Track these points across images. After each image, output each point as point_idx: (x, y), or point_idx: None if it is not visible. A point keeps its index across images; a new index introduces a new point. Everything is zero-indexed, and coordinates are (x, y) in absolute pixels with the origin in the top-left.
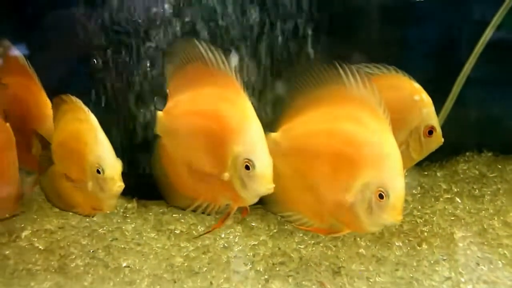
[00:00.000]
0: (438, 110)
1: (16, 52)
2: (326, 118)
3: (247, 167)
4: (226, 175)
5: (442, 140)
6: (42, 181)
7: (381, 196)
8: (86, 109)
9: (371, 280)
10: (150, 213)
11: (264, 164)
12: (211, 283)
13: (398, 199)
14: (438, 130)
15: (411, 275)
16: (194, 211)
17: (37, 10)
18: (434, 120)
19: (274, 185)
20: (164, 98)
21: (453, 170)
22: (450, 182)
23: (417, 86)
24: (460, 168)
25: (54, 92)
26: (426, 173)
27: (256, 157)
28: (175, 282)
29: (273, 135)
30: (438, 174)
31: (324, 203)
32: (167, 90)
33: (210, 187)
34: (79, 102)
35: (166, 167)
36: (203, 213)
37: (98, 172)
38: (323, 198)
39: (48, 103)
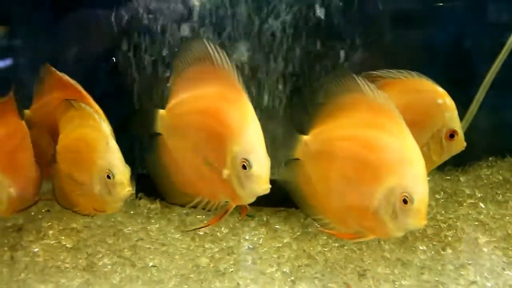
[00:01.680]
0: (461, 115)
1: (57, 72)
2: (351, 124)
3: (244, 167)
4: (225, 173)
5: (464, 144)
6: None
7: (405, 201)
8: (97, 116)
9: (396, 283)
10: (174, 214)
11: (261, 165)
12: (238, 284)
13: (422, 204)
14: (460, 134)
15: (437, 279)
16: (194, 207)
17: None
18: (457, 124)
19: (270, 186)
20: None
21: (476, 175)
22: (474, 187)
23: (440, 90)
24: (483, 173)
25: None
26: (448, 177)
27: (253, 158)
28: (202, 282)
29: (304, 137)
30: (461, 179)
31: (349, 209)
32: (169, 88)
33: (210, 184)
34: (90, 109)
35: (167, 164)
36: (203, 209)
37: (108, 177)
38: (348, 203)
39: (99, 112)
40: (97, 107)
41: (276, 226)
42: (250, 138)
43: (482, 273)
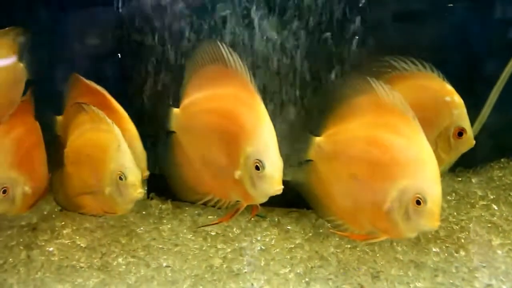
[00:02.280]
0: (474, 116)
1: (84, 79)
2: (365, 126)
3: (257, 168)
4: (238, 173)
5: (473, 142)
6: (53, 184)
7: (418, 202)
8: (109, 120)
9: (411, 285)
10: (185, 214)
11: (274, 166)
12: (252, 284)
13: (435, 205)
14: (469, 132)
15: (451, 281)
16: (204, 204)
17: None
18: (465, 122)
19: (282, 187)
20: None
21: (488, 176)
22: (486, 189)
23: (449, 87)
24: (496, 175)
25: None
26: (460, 179)
27: (266, 159)
28: (216, 283)
29: (318, 139)
30: (473, 180)
31: (362, 209)
32: (184, 87)
33: (222, 183)
34: (101, 113)
35: (180, 163)
36: (213, 206)
37: (121, 178)
38: (360, 204)
39: (125, 117)
40: (122, 111)
41: (287, 227)
42: (263, 139)
43: (497, 276)
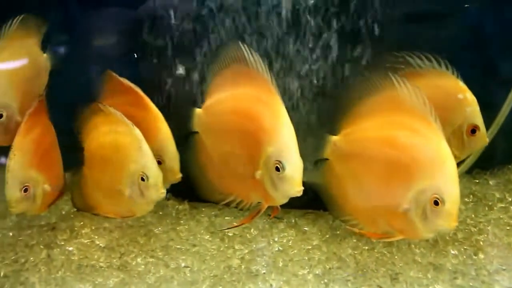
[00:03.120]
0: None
1: (118, 77)
2: (383, 125)
3: (277, 169)
4: (258, 174)
5: (487, 140)
6: (71, 185)
7: (436, 203)
8: (128, 122)
9: (430, 287)
10: (202, 215)
11: (294, 167)
12: (271, 285)
13: (453, 206)
14: (482, 129)
15: (471, 284)
16: (227, 205)
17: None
18: (478, 119)
19: (302, 188)
20: None
21: (506, 178)
22: (504, 191)
23: (462, 84)
24: None
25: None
26: (477, 181)
27: (287, 160)
28: (236, 283)
29: (334, 138)
30: (491, 182)
31: (379, 209)
32: (207, 88)
33: (243, 184)
34: (119, 114)
35: (203, 163)
36: (235, 207)
37: (143, 179)
38: (378, 203)
39: (158, 116)
40: (156, 110)
41: (304, 228)
42: (283, 140)
43: None
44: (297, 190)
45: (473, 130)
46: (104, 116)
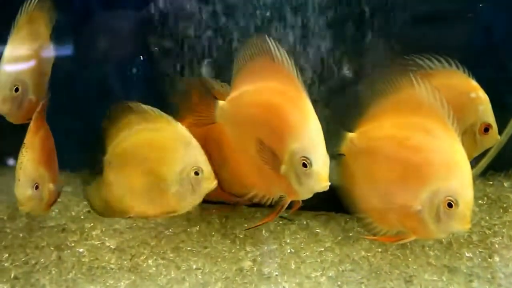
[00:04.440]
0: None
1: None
2: (400, 125)
3: (304, 165)
4: (283, 168)
5: (498, 138)
6: (88, 191)
7: (450, 205)
8: (169, 117)
9: None
10: (213, 217)
11: (321, 163)
12: (284, 287)
13: (467, 208)
14: (494, 127)
15: (487, 287)
16: (250, 200)
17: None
18: (491, 118)
19: (329, 183)
20: None
21: None
22: None
23: (474, 83)
24: None
25: None
26: (491, 183)
27: (313, 156)
28: (248, 285)
29: (350, 135)
30: (505, 184)
31: (392, 208)
32: (232, 80)
33: (267, 177)
34: (157, 111)
35: (226, 155)
36: (258, 203)
37: (197, 173)
38: (391, 203)
39: None
40: None
41: (316, 230)
42: (310, 136)
43: None
44: (324, 185)
45: (486, 128)
46: (133, 115)
